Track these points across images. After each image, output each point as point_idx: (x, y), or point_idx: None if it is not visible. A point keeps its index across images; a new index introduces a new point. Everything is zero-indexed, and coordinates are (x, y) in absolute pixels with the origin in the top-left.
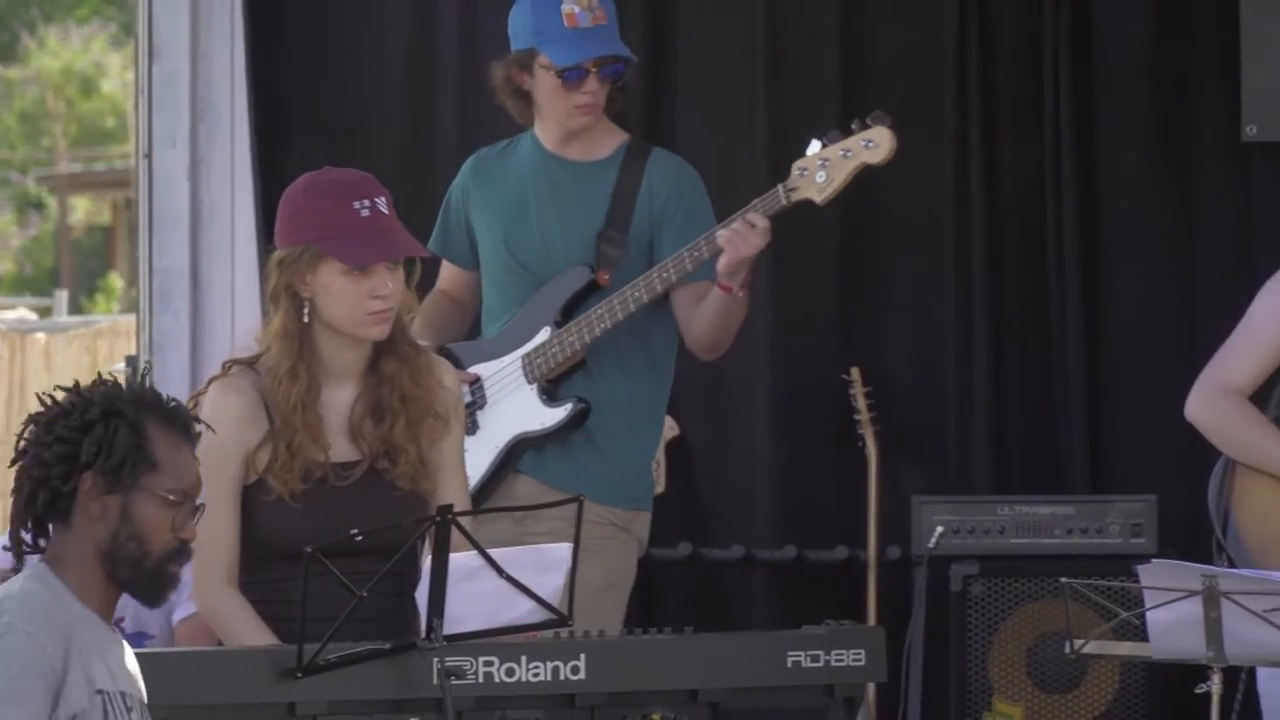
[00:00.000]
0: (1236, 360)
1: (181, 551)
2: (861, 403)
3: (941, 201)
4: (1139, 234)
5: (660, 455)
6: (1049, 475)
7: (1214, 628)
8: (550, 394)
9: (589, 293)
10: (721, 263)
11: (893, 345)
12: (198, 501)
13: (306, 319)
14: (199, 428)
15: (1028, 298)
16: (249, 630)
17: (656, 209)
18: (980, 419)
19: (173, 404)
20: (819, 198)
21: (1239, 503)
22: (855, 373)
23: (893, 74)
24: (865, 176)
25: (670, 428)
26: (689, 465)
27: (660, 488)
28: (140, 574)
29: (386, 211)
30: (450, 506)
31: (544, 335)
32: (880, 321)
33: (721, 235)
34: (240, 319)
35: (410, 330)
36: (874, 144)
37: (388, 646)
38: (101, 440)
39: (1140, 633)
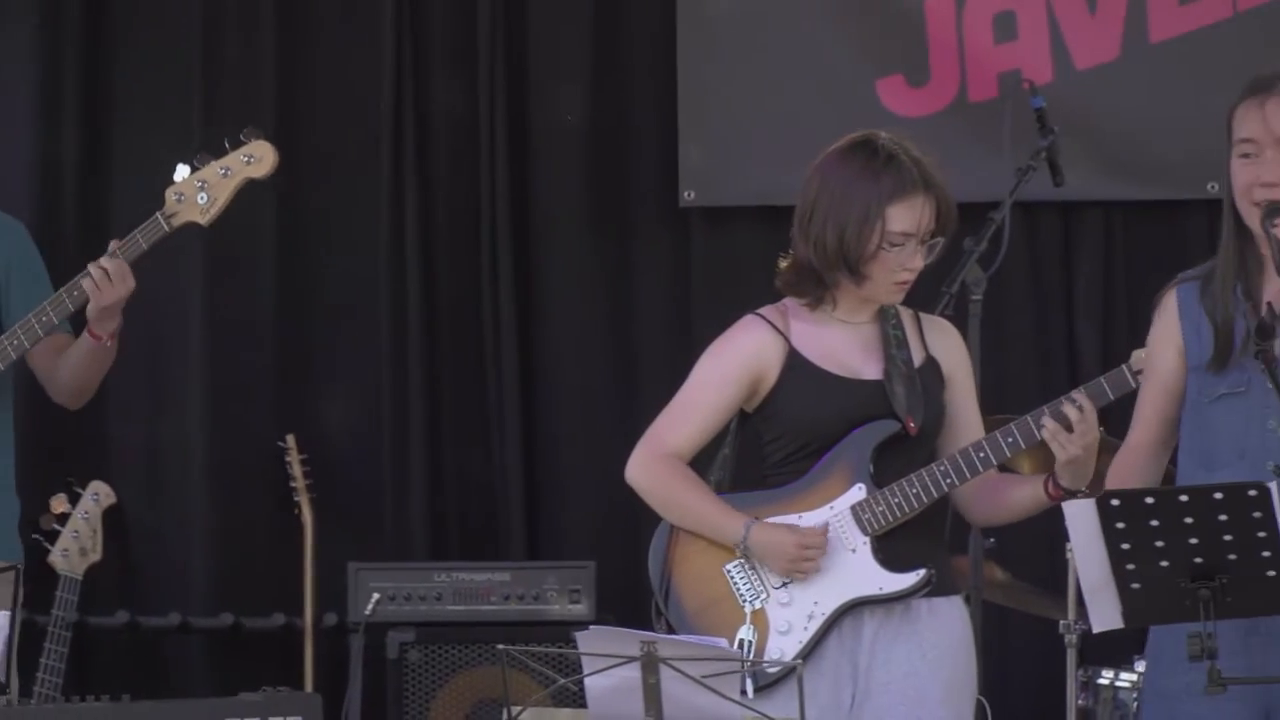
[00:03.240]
0: (676, 424)
1: None
2: (297, 469)
3: (375, 267)
4: (576, 299)
5: (97, 523)
6: (486, 542)
7: (653, 693)
8: None
9: None
10: (91, 309)
11: (329, 412)
12: None
13: None
14: None
15: (464, 362)
16: None
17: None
18: (417, 486)
19: None
20: (204, 219)
21: (678, 567)
22: (291, 439)
23: (328, 126)
24: (306, 231)
25: (107, 495)
26: (125, 532)
27: (96, 556)
28: None
29: None
30: None
31: None
32: (317, 387)
33: (86, 282)
34: None
35: None
36: (255, 158)
37: None
38: None
39: (580, 699)
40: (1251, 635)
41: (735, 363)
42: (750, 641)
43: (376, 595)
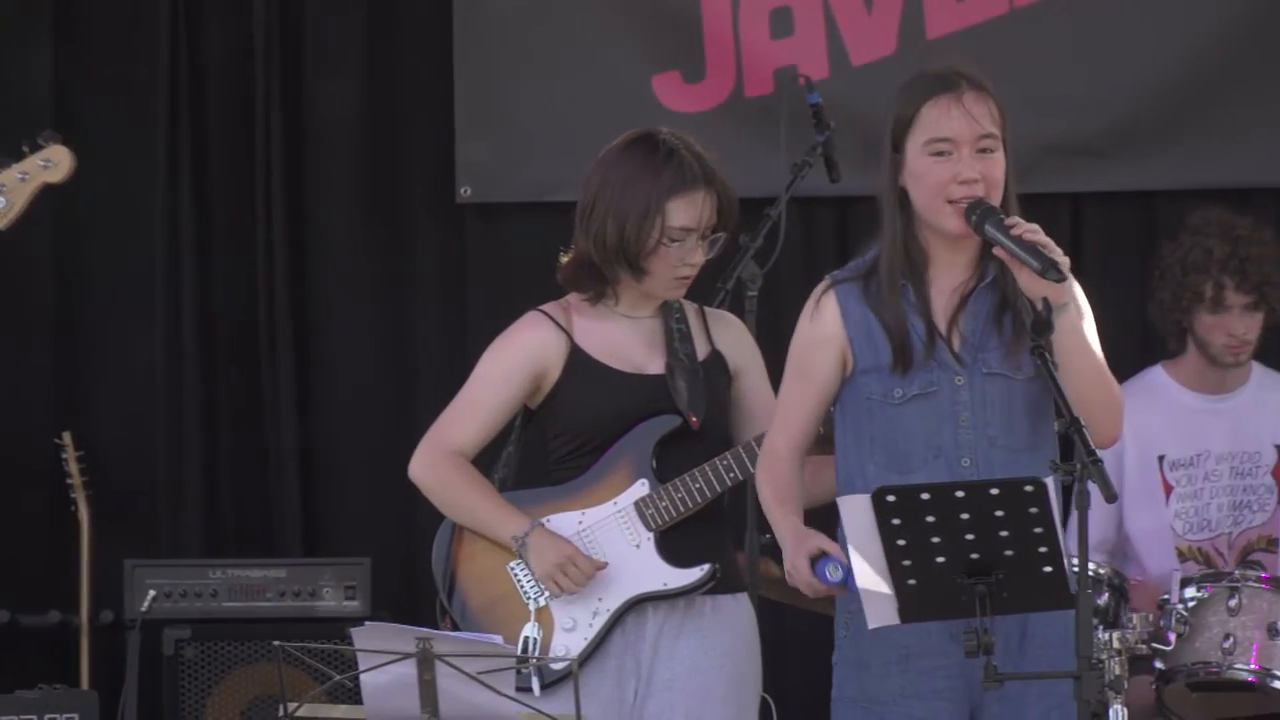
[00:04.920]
0: (459, 421)
1: None
2: (73, 466)
3: (151, 264)
4: (352, 295)
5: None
6: (262, 538)
7: (428, 690)
8: None
9: None
10: None
11: (105, 408)
12: None
13: None
14: None
15: (240, 360)
16: None
17: None
18: (192, 483)
19: None
20: (1, 224)
21: (463, 565)
22: (67, 436)
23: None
24: (81, 228)
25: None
26: None
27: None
28: None
29: None
30: None
31: None
32: (92, 385)
33: None
34: None
35: None
36: (52, 163)
37: None
38: None
39: (356, 695)
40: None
41: (517, 359)
42: (535, 639)
43: (153, 592)
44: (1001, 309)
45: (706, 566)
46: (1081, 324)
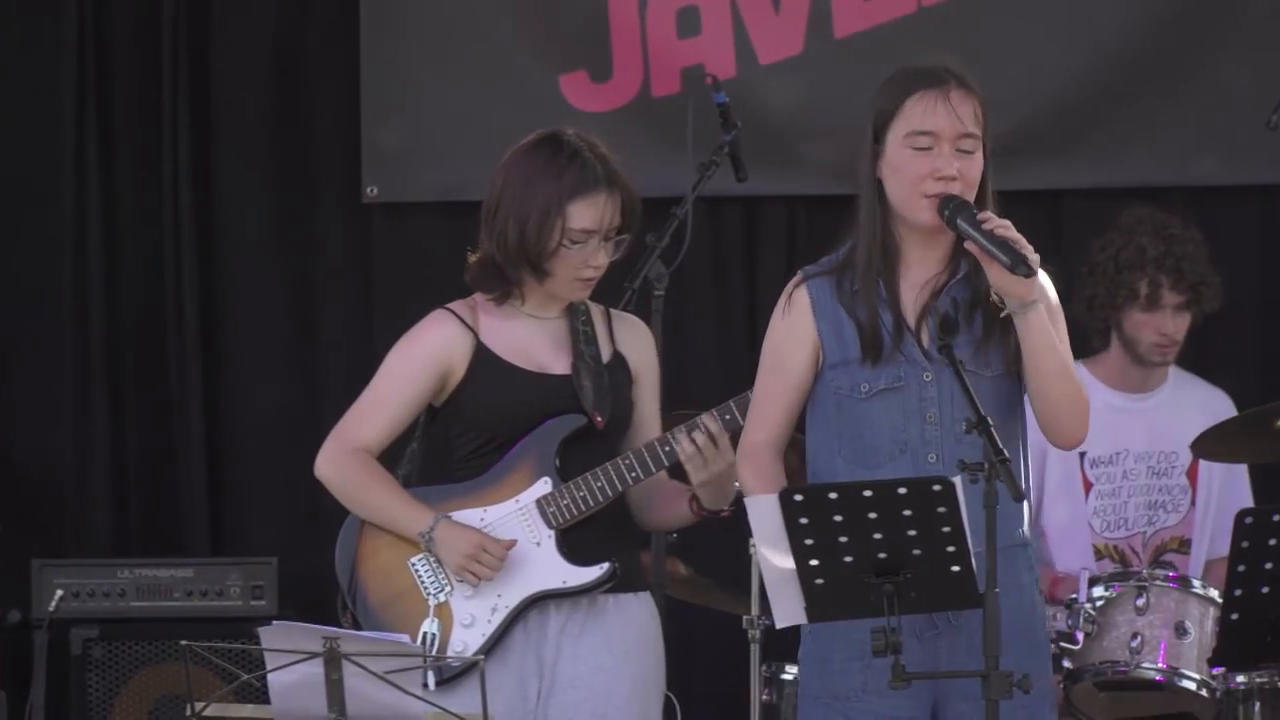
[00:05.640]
0: (364, 419)
1: None
2: None
3: (59, 263)
4: (260, 294)
5: None
6: (170, 538)
7: (335, 689)
8: None
9: None
10: None
11: (11, 407)
12: None
13: None
14: None
15: (147, 358)
16: None
17: None
18: (100, 482)
19: None
20: None
21: (365, 561)
22: None
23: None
24: None
25: None
26: None
27: None
28: None
29: None
30: None
31: None
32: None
33: None
34: None
35: None
36: None
37: None
38: None
39: (263, 694)
40: (927, 629)
41: (423, 357)
42: (434, 635)
43: (60, 592)
44: (973, 305)
45: (606, 565)
46: (1049, 323)
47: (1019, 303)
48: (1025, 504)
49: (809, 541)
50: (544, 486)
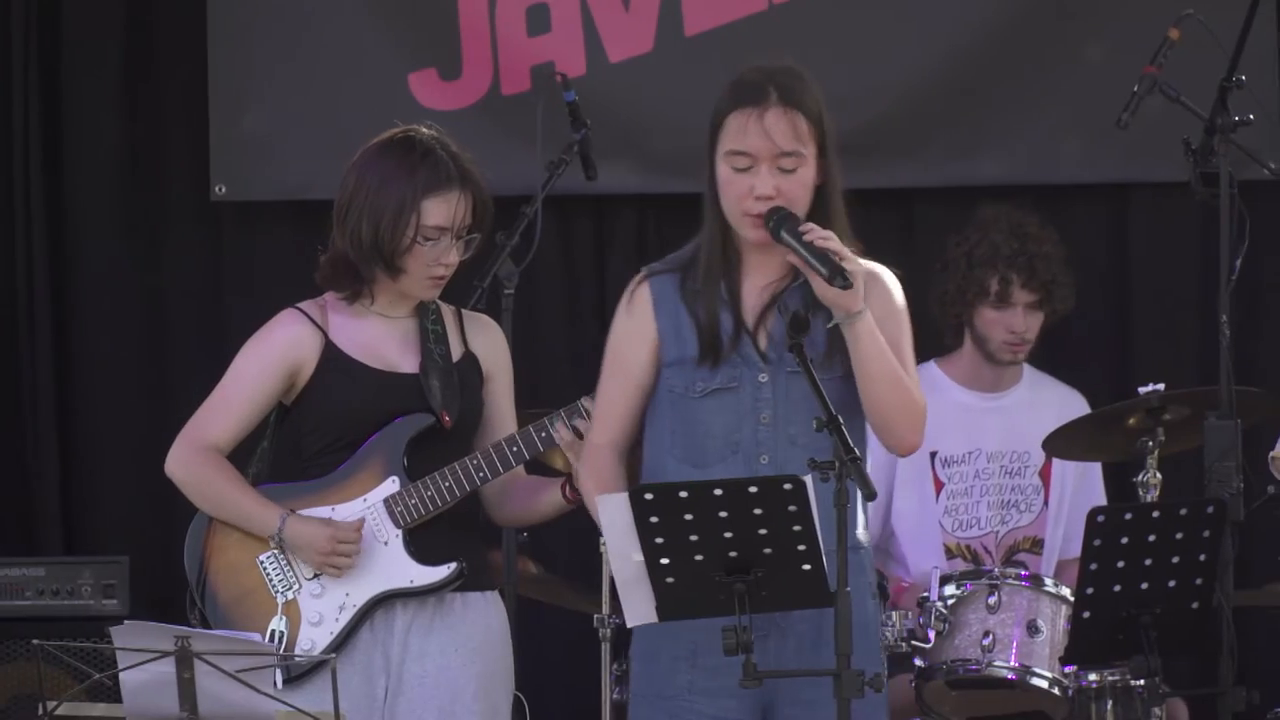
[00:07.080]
0: (214, 417)
1: None
2: None
3: None
4: (110, 293)
5: None
6: (21, 537)
7: (188, 688)
8: None
9: None
10: None
11: None
12: None
13: None
14: None
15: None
16: None
17: None
18: None
19: None
20: None
21: (214, 559)
22: None
23: None
24: None
25: None
26: None
27: None
28: None
29: None
30: None
31: None
32: None
33: None
34: None
35: None
36: None
37: None
38: None
39: (116, 694)
40: (754, 632)
41: (272, 356)
42: (282, 632)
43: None
44: (816, 308)
45: (453, 565)
46: (876, 332)
47: (844, 313)
48: (861, 508)
49: (659, 540)
50: (391, 486)
